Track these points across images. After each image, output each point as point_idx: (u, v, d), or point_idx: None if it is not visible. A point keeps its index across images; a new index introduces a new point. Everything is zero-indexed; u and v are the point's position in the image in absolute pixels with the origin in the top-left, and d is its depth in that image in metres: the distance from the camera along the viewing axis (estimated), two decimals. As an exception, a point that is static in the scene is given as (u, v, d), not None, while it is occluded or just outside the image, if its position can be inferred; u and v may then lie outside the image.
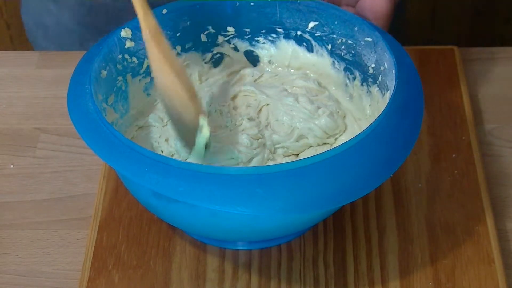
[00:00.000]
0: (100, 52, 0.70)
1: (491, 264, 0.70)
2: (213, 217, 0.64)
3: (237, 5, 0.75)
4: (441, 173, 0.77)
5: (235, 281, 0.70)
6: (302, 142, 0.73)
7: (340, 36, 0.74)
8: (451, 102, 0.83)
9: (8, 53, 0.93)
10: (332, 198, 0.61)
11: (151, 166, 0.61)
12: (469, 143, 0.79)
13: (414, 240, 0.72)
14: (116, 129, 0.70)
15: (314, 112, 0.73)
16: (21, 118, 0.85)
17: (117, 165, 0.63)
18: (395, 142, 0.64)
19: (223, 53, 0.78)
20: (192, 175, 0.60)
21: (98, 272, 0.70)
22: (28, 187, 0.78)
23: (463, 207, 0.74)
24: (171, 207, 0.65)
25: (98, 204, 0.75)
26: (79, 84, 0.68)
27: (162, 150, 0.72)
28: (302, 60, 0.77)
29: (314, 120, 0.73)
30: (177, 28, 0.75)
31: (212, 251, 0.72)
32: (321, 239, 0.72)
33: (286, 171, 0.60)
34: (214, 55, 0.78)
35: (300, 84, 0.76)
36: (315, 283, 0.70)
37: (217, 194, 0.60)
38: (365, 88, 0.74)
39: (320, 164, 0.61)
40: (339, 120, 0.74)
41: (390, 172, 0.63)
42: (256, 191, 0.60)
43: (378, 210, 0.74)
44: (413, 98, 0.67)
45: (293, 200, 0.60)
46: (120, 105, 0.73)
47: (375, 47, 0.71)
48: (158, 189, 0.61)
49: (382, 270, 0.70)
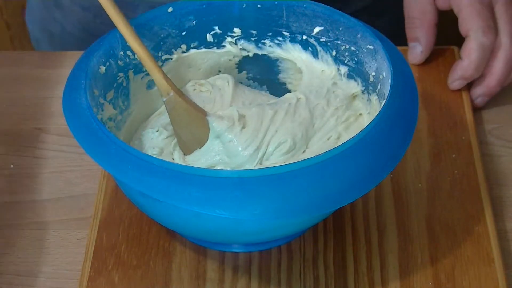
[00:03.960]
0: (100, 48, 0.71)
1: (491, 264, 0.70)
2: (196, 218, 0.64)
3: (244, 7, 0.75)
4: (441, 173, 0.77)
5: (235, 281, 0.70)
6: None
7: (344, 42, 0.74)
8: (451, 102, 0.83)
9: (8, 53, 0.94)
10: (313, 206, 0.60)
11: (134, 164, 0.61)
12: (469, 143, 0.79)
13: (414, 240, 0.72)
14: (113, 125, 0.71)
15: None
16: (21, 118, 0.84)
17: (100, 160, 0.63)
18: (382, 153, 0.63)
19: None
20: (174, 175, 0.60)
21: (98, 272, 0.70)
22: (28, 187, 0.78)
23: (463, 207, 0.74)
24: (156, 206, 0.65)
25: (98, 204, 0.75)
26: (75, 78, 0.68)
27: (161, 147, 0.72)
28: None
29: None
30: (182, 27, 0.75)
31: (212, 251, 0.72)
32: (321, 239, 0.72)
33: (269, 175, 0.60)
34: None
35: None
36: (315, 283, 0.70)
37: (196, 195, 0.59)
38: (366, 96, 0.74)
39: (303, 170, 0.60)
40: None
41: (374, 182, 0.62)
42: (236, 194, 0.59)
43: (378, 210, 0.74)
44: (406, 108, 0.66)
45: (273, 205, 0.60)
46: (120, 101, 0.73)
47: (375, 55, 0.71)
48: (139, 188, 0.61)
49: (382, 270, 0.70)
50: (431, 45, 0.86)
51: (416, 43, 0.85)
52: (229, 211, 0.60)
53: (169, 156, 0.72)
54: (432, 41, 0.85)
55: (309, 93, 0.74)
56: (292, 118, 0.72)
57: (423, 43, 0.85)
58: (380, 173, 0.63)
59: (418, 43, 0.85)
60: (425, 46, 0.85)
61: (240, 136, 0.70)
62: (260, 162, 0.70)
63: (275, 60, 0.78)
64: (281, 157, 0.70)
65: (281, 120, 0.71)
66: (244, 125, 0.70)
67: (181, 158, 0.71)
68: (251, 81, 0.80)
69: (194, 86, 0.76)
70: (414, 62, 0.86)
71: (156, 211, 0.67)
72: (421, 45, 0.85)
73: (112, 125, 0.71)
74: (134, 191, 0.66)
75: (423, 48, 0.85)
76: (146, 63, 0.70)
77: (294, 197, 0.60)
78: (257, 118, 0.71)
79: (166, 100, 0.71)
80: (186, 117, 0.71)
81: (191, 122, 0.71)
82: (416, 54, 0.86)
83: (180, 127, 0.72)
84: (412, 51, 0.86)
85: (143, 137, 0.73)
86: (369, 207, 0.74)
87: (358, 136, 0.63)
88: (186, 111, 0.71)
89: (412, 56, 0.86)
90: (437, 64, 0.87)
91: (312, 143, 0.72)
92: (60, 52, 0.92)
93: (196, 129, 0.71)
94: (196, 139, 0.71)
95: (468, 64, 0.81)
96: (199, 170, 0.61)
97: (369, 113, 0.73)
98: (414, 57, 0.86)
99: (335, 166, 0.61)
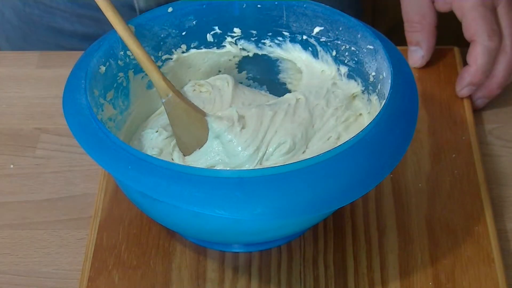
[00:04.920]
0: (100, 48, 0.71)
1: (491, 264, 0.70)
2: (196, 218, 0.64)
3: (244, 7, 0.75)
4: (441, 173, 0.77)
5: (235, 281, 0.70)
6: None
7: (344, 42, 0.74)
8: (451, 102, 0.83)
9: (8, 53, 0.93)
10: (312, 206, 0.60)
11: (134, 163, 0.61)
12: (469, 143, 0.79)
13: (414, 240, 0.72)
14: (113, 125, 0.71)
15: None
16: (21, 118, 0.85)
17: (100, 160, 0.63)
18: (382, 153, 0.63)
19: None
20: (173, 175, 0.60)
21: (98, 272, 0.70)
22: (28, 187, 0.78)
23: (463, 207, 0.74)
24: (156, 206, 0.66)
25: (98, 204, 0.75)
26: (75, 78, 0.69)
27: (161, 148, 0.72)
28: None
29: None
30: (182, 27, 0.75)
31: (212, 251, 0.72)
32: (321, 239, 0.72)
33: (269, 175, 0.60)
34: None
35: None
36: (315, 283, 0.70)
37: (196, 195, 0.59)
38: (366, 96, 0.73)
39: (303, 170, 0.60)
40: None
41: (374, 182, 0.62)
42: (236, 195, 0.59)
43: (378, 210, 0.74)
44: (406, 108, 0.66)
45: (273, 206, 0.60)
46: (120, 101, 0.73)
47: (375, 55, 0.71)
48: (139, 188, 0.61)
49: (382, 270, 0.70)
50: (432, 49, 0.85)
51: (417, 47, 0.85)
52: (229, 211, 0.60)
53: (169, 157, 0.72)
54: (433, 45, 0.85)
55: (308, 94, 0.74)
56: (292, 118, 0.72)
57: (424, 47, 0.85)
58: (380, 173, 0.63)
59: (419, 47, 0.85)
60: (426, 50, 0.85)
61: (240, 137, 0.70)
62: (260, 163, 0.70)
63: (275, 60, 0.78)
64: (281, 158, 0.70)
65: (280, 120, 0.71)
66: (244, 125, 0.71)
67: (180, 158, 0.71)
68: (251, 81, 0.80)
69: (193, 86, 0.76)
70: (415, 66, 0.86)
71: (156, 211, 0.67)
72: (422, 49, 0.85)
73: (112, 125, 0.71)
74: (134, 191, 0.66)
75: (424, 52, 0.85)
76: (144, 64, 0.70)
77: (294, 197, 0.60)
78: (257, 119, 0.71)
79: (165, 101, 0.71)
80: (185, 118, 0.71)
81: (191, 123, 0.71)
82: (417, 58, 0.86)
83: (179, 128, 0.72)
84: (413, 55, 0.86)
85: (143, 138, 0.73)
86: (369, 207, 0.74)
87: (358, 136, 0.63)
88: (185, 112, 0.71)
89: (413, 60, 0.86)
90: (437, 64, 0.87)
91: (312, 144, 0.71)
92: (60, 52, 0.92)
93: (195, 130, 0.71)
94: (195, 139, 0.71)
95: (476, 70, 0.81)
96: (199, 170, 0.61)
97: (369, 113, 0.73)
98: (415, 61, 0.86)
99: (335, 166, 0.61)
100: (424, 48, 0.85)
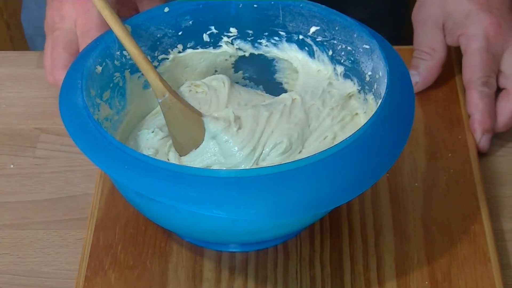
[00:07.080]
0: (96, 48, 0.71)
1: (487, 263, 0.70)
2: (193, 218, 0.64)
3: (240, 6, 0.75)
4: (437, 173, 0.77)
5: (232, 280, 0.70)
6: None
7: (340, 42, 0.74)
8: (448, 102, 0.83)
9: (8, 53, 0.93)
10: (309, 205, 0.61)
11: (130, 163, 0.61)
12: (466, 143, 0.79)
13: (411, 239, 0.72)
14: (109, 125, 0.71)
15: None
16: (21, 118, 0.85)
17: (97, 160, 0.63)
18: (378, 152, 0.63)
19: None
20: (170, 175, 0.60)
21: (94, 272, 0.70)
22: (28, 187, 0.79)
23: (459, 207, 0.74)
24: (152, 206, 0.66)
25: (94, 204, 0.75)
26: (72, 79, 0.69)
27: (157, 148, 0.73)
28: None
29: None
30: (179, 27, 0.75)
31: (208, 251, 0.72)
32: (317, 239, 0.72)
33: (265, 175, 0.60)
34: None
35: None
36: (311, 283, 0.70)
37: (192, 195, 0.60)
38: (362, 96, 0.74)
39: (299, 170, 0.61)
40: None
41: (371, 182, 0.62)
42: (232, 194, 0.60)
43: (375, 209, 0.74)
44: (403, 107, 0.66)
45: (269, 205, 0.60)
46: (117, 101, 0.73)
47: (372, 55, 0.71)
48: (135, 187, 0.61)
49: (378, 270, 0.70)
50: (428, 84, 0.84)
51: (416, 74, 0.83)
52: (225, 211, 0.60)
53: (164, 157, 0.72)
54: (431, 80, 0.84)
55: (304, 94, 0.74)
56: (288, 119, 0.72)
57: (422, 78, 0.83)
58: (376, 173, 0.63)
59: (417, 74, 0.83)
60: (423, 81, 0.83)
61: (236, 137, 0.70)
62: (256, 163, 0.70)
63: (272, 60, 0.78)
64: (277, 158, 0.70)
65: (276, 121, 0.71)
66: (240, 126, 0.71)
67: (176, 159, 0.71)
68: (248, 81, 0.80)
69: (190, 87, 0.76)
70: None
71: (152, 211, 0.68)
72: (420, 77, 0.83)
73: (108, 125, 0.71)
74: (131, 191, 0.66)
75: (420, 81, 0.83)
76: (140, 64, 0.70)
77: (290, 197, 0.60)
78: (253, 119, 0.71)
79: (162, 102, 0.71)
80: (182, 118, 0.71)
81: (187, 123, 0.71)
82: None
83: (175, 128, 0.72)
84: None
85: (139, 138, 0.74)
86: (366, 206, 0.74)
87: (354, 136, 0.63)
88: (181, 112, 0.71)
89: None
90: (435, 63, 0.87)
91: (308, 144, 0.72)
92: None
93: (191, 130, 0.71)
94: (191, 140, 0.71)
95: (482, 116, 0.79)
96: (195, 170, 0.61)
97: (365, 112, 0.73)
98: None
99: (331, 166, 0.61)
100: (422, 78, 0.83)
